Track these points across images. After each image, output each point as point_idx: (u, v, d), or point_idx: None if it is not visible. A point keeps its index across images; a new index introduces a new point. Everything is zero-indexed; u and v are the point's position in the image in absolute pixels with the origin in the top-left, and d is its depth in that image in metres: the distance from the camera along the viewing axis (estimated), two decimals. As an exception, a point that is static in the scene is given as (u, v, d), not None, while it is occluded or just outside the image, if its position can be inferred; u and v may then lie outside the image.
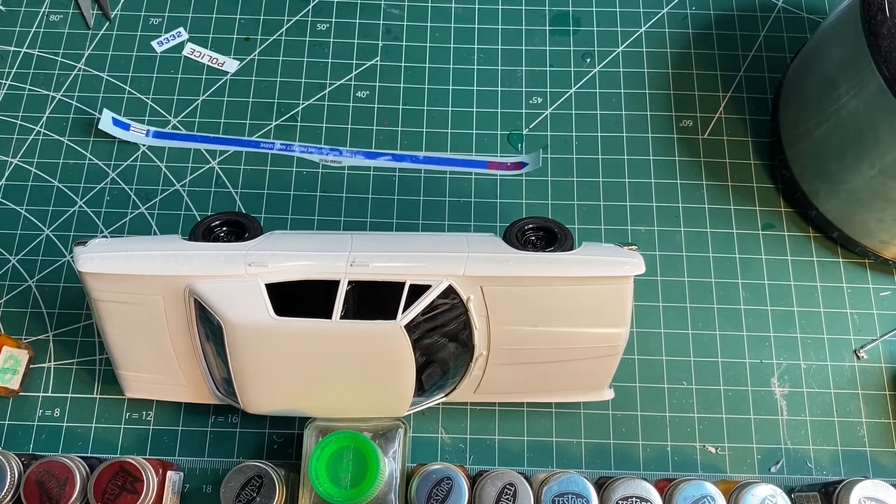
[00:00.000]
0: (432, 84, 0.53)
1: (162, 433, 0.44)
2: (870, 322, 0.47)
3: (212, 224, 0.41)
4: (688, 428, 0.45)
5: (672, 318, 0.47)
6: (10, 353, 0.44)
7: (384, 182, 0.50)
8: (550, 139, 0.51)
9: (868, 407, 0.45)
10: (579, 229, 0.49)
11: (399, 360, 0.38)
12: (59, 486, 0.38)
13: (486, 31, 0.54)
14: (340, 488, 0.36)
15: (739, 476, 0.44)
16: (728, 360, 0.46)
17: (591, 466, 0.44)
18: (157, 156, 0.51)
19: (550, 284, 0.38)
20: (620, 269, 0.38)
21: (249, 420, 0.44)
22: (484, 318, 0.39)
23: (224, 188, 0.50)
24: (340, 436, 0.37)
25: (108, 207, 0.49)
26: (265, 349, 0.38)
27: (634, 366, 0.46)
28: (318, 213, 0.49)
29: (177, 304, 0.38)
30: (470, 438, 0.44)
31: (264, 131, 0.51)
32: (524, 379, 0.41)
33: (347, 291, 0.38)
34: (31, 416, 0.45)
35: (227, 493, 0.38)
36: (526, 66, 0.53)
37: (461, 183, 0.50)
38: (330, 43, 0.54)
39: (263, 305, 0.37)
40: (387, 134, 0.51)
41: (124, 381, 0.42)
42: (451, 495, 0.38)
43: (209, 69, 0.53)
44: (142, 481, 0.38)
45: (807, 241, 0.49)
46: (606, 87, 0.53)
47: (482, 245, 0.39)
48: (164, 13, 0.55)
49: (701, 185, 0.50)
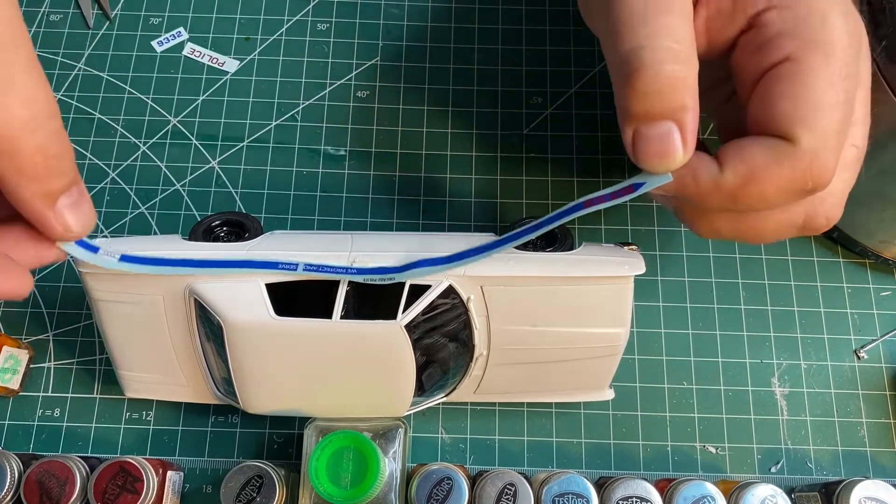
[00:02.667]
0: (432, 84, 0.53)
1: (162, 433, 0.44)
2: (870, 322, 0.47)
3: (212, 224, 0.41)
4: (688, 428, 0.45)
5: (672, 318, 0.47)
6: (10, 353, 0.44)
7: (384, 182, 0.50)
8: (550, 139, 0.51)
9: (868, 407, 0.45)
10: (579, 229, 0.49)
11: (399, 360, 0.38)
12: (59, 486, 0.38)
13: (486, 31, 0.54)
14: (340, 488, 0.36)
15: (739, 476, 0.44)
16: (728, 360, 0.46)
17: (591, 466, 0.44)
18: (157, 156, 0.51)
19: (550, 284, 0.38)
20: (620, 269, 0.38)
21: (249, 420, 0.44)
22: (484, 317, 0.39)
23: (224, 188, 0.50)
24: (340, 436, 0.37)
25: (108, 207, 0.49)
26: (265, 349, 0.38)
27: (634, 366, 0.46)
28: (318, 213, 0.49)
29: (177, 304, 0.38)
30: (470, 438, 0.44)
31: (264, 131, 0.51)
32: (524, 379, 0.41)
33: (347, 291, 0.38)
34: (31, 416, 0.45)
35: (227, 493, 0.38)
36: (526, 66, 0.53)
37: (461, 183, 0.50)
38: (330, 43, 0.54)
39: (263, 305, 0.37)
40: (387, 134, 0.51)
41: (124, 381, 0.42)
42: (451, 495, 0.38)
43: (209, 69, 0.53)
44: (142, 481, 0.38)
45: (807, 241, 0.49)
46: (606, 87, 0.53)
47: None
48: (164, 13, 0.55)
49: (701, 185, 0.50)
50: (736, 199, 0.32)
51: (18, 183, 0.28)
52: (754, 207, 0.32)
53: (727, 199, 0.32)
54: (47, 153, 0.28)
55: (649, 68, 0.30)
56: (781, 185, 0.31)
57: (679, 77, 0.30)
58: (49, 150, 0.28)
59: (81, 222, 0.31)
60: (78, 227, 0.30)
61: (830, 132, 0.31)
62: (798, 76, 0.31)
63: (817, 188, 0.32)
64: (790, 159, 0.31)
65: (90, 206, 0.31)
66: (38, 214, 0.29)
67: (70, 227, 0.30)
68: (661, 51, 0.30)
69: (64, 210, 0.30)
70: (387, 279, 0.37)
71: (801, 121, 0.30)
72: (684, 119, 0.31)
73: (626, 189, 0.33)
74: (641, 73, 0.30)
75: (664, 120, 0.31)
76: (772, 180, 0.31)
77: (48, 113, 0.28)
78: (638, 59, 0.30)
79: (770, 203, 0.32)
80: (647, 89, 0.30)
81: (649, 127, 0.31)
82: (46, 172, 0.28)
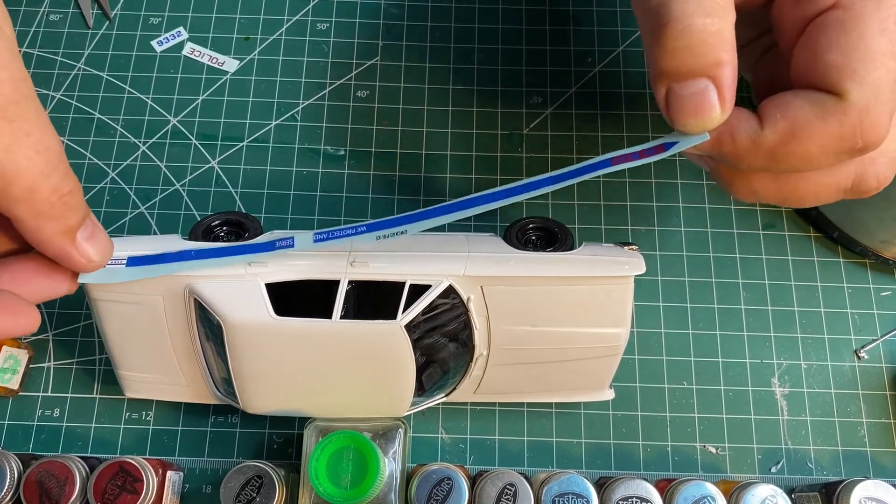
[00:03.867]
0: (432, 84, 0.53)
1: (162, 433, 0.44)
2: (870, 322, 0.47)
3: (212, 224, 0.41)
4: (688, 428, 0.45)
5: (672, 318, 0.47)
6: (10, 353, 0.44)
7: (384, 182, 0.50)
8: (550, 139, 0.51)
9: (868, 407, 0.45)
10: (579, 229, 0.49)
11: (399, 360, 0.38)
12: (58, 486, 0.38)
13: (486, 30, 0.54)
14: (340, 488, 0.36)
15: (740, 476, 0.44)
16: (728, 360, 0.46)
17: (591, 466, 0.44)
18: (157, 155, 0.51)
19: (551, 284, 0.38)
20: (621, 269, 0.38)
21: (249, 420, 0.44)
22: (484, 317, 0.39)
23: (224, 188, 0.50)
24: (340, 436, 0.37)
25: (108, 207, 0.49)
26: (265, 349, 0.38)
27: (634, 366, 0.46)
28: (318, 213, 0.49)
29: (177, 304, 0.38)
30: (470, 438, 0.44)
31: (264, 131, 0.51)
32: (524, 379, 0.41)
33: (347, 291, 0.38)
34: (31, 416, 0.45)
35: (226, 493, 0.38)
36: (526, 66, 0.53)
37: (461, 183, 0.50)
38: (330, 42, 0.54)
39: (263, 305, 0.37)
40: (387, 134, 0.51)
41: (124, 381, 0.42)
42: (451, 495, 0.38)
43: (209, 69, 0.53)
44: (142, 481, 0.38)
45: (807, 241, 0.49)
46: (606, 88, 0.53)
47: (482, 245, 0.39)
48: (164, 13, 0.55)
49: (701, 184, 0.50)
50: (776, 158, 0.30)
51: (39, 225, 0.30)
52: (797, 168, 0.30)
53: (767, 159, 0.30)
54: (62, 192, 0.30)
55: (678, 22, 0.28)
56: (827, 143, 0.29)
57: (710, 31, 0.28)
58: (63, 189, 0.30)
59: (100, 252, 0.32)
60: (98, 257, 0.32)
61: (883, 85, 0.28)
62: (847, 24, 0.28)
63: (868, 147, 0.29)
64: (837, 115, 0.28)
65: (105, 235, 0.33)
66: (61, 251, 0.31)
67: (92, 259, 0.32)
68: (690, 3, 0.29)
69: (84, 244, 0.32)
70: (399, 232, 0.35)
71: (851, 73, 0.28)
72: (720, 75, 0.28)
73: (657, 148, 0.31)
74: (669, 28, 0.28)
75: (698, 77, 0.29)
76: (816, 138, 0.29)
77: (59, 156, 0.30)
78: (666, 13, 0.29)
79: (814, 163, 0.30)
80: (676, 45, 0.29)
81: (682, 85, 0.29)
82: (63, 210, 0.30)
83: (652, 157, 0.31)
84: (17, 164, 0.28)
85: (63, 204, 0.30)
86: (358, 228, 0.36)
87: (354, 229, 0.36)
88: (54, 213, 0.30)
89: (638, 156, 0.31)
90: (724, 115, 0.29)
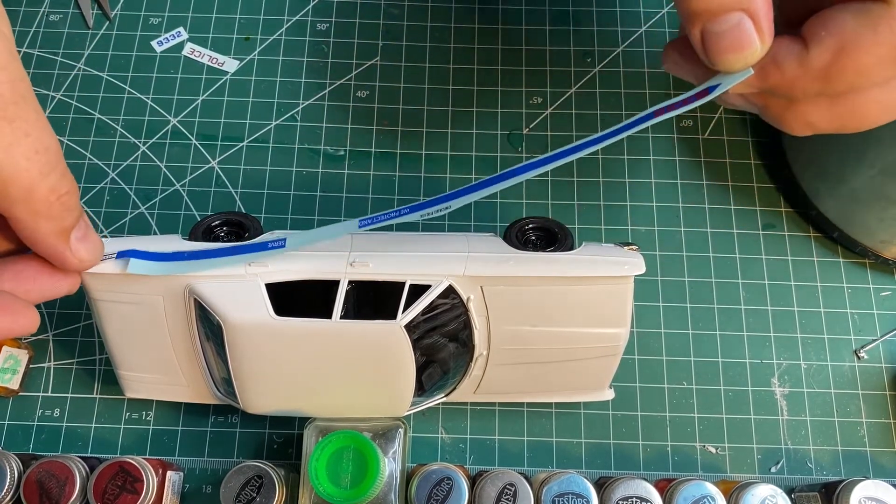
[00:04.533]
0: (432, 84, 0.53)
1: (162, 433, 0.44)
2: (870, 322, 0.47)
3: (212, 224, 0.41)
4: (688, 428, 0.45)
5: (672, 318, 0.47)
6: (10, 353, 0.44)
7: (384, 182, 0.50)
8: (550, 139, 0.51)
9: (868, 407, 0.45)
10: (579, 229, 0.49)
11: (399, 360, 0.38)
12: (58, 486, 0.38)
13: (486, 30, 0.54)
14: (340, 488, 0.36)
15: (739, 476, 0.44)
16: (728, 360, 0.46)
17: (591, 466, 0.44)
18: (156, 156, 0.51)
19: (551, 284, 0.38)
20: (620, 269, 0.38)
21: (249, 420, 0.44)
22: (484, 317, 0.39)
23: (224, 188, 0.50)
24: (340, 436, 0.37)
25: (108, 207, 0.49)
26: (265, 349, 0.38)
27: (634, 366, 0.46)
28: (318, 213, 0.49)
29: (177, 304, 0.38)
30: (470, 438, 0.44)
31: (264, 131, 0.51)
32: (524, 379, 0.41)
33: (347, 291, 0.38)
34: (31, 416, 0.45)
35: (226, 493, 0.38)
36: (526, 66, 0.53)
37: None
38: (330, 43, 0.54)
39: (263, 305, 0.37)
40: (387, 134, 0.51)
41: (124, 381, 0.42)
42: (451, 495, 0.38)
43: (209, 69, 0.53)
44: (142, 481, 0.38)
45: (807, 241, 0.49)
46: (606, 87, 0.53)
47: (482, 245, 0.39)
48: (164, 13, 0.55)
49: (701, 184, 0.50)
50: (829, 77, 0.28)
51: (36, 224, 0.30)
52: (853, 85, 0.28)
53: (819, 81, 0.28)
54: (60, 192, 0.30)
55: None
56: (882, 52, 0.27)
57: None
58: (61, 190, 0.30)
59: (91, 253, 0.33)
60: (89, 257, 0.33)
61: None
62: None
63: None
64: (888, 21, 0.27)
65: (96, 236, 0.34)
66: (55, 250, 0.32)
67: (84, 259, 0.33)
68: None
69: (77, 244, 0.32)
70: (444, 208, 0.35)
71: None
72: (754, 5, 0.27)
73: (701, 93, 0.30)
74: None
75: (731, 12, 0.27)
76: (869, 49, 0.27)
77: (58, 156, 0.30)
78: None
79: (870, 76, 0.28)
80: None
81: (716, 22, 0.28)
82: (60, 210, 0.30)
83: (696, 102, 0.30)
84: (17, 164, 0.28)
85: (60, 204, 0.30)
86: (402, 211, 0.36)
87: (398, 212, 0.36)
88: (51, 214, 0.30)
89: (681, 104, 0.30)
90: (766, 46, 0.28)
